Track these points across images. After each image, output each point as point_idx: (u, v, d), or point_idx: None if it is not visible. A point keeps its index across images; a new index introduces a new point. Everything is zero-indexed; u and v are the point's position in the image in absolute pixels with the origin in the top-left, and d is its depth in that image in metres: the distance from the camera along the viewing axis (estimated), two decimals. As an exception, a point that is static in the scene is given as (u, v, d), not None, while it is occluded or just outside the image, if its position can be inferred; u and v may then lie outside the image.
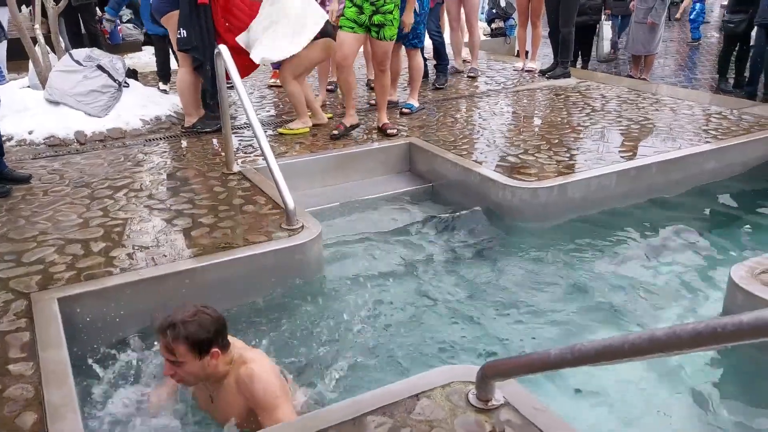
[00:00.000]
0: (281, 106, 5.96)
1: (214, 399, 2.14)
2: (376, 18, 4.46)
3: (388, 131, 4.84)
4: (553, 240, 3.75)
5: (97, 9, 7.56)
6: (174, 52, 5.56)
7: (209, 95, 5.10)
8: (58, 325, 2.51)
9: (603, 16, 7.91)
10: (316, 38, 4.77)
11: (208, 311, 2.04)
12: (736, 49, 6.90)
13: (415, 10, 5.17)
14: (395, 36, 4.61)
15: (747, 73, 6.83)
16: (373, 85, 6.51)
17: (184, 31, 4.72)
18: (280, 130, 5.00)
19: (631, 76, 7.66)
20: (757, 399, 2.50)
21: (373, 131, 5.02)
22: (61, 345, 2.38)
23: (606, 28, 7.42)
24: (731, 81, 7.16)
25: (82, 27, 7.01)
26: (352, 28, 4.52)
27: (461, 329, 3.00)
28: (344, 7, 4.57)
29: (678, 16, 10.58)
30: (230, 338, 2.14)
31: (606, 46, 8.75)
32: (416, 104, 5.54)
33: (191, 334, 1.93)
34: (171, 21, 4.87)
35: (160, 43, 6.27)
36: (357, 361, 2.77)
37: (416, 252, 3.69)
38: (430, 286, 3.37)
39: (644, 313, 3.10)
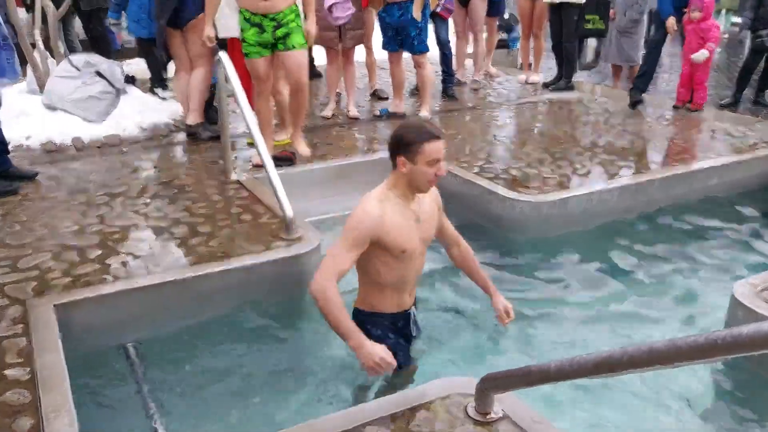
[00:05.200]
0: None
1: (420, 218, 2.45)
2: (280, 31, 3.99)
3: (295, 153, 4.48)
4: (554, 253, 3.73)
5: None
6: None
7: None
8: (54, 331, 2.51)
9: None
10: None
11: (409, 125, 2.38)
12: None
13: (416, 20, 5.15)
14: (305, 43, 4.14)
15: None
16: (371, 92, 6.53)
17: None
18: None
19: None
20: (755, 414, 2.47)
21: (375, 142, 5.01)
22: (58, 351, 2.38)
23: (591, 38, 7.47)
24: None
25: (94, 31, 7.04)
26: (259, 52, 4.07)
27: (460, 341, 2.98)
28: (242, 31, 4.08)
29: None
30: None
31: (589, 54, 8.80)
32: (429, 115, 5.50)
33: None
34: (197, 28, 4.68)
35: (147, 46, 6.16)
36: (353, 372, 2.74)
37: (416, 263, 3.67)
38: (429, 298, 3.34)
39: (644, 327, 3.08)
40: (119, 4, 6.00)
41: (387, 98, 6.30)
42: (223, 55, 3.60)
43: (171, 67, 6.03)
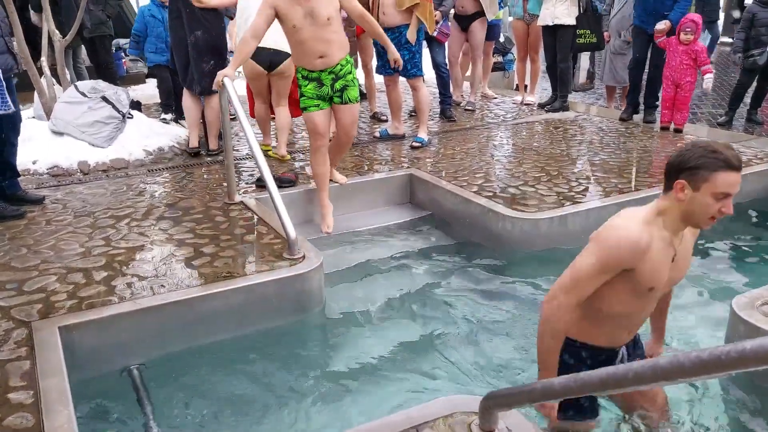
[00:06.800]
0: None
1: (676, 256, 1.96)
2: (338, 84, 3.89)
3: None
4: (554, 271, 3.74)
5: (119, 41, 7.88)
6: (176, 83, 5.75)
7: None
8: (59, 353, 2.51)
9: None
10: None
11: (702, 145, 1.85)
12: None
13: (409, 43, 5.24)
14: (359, 98, 4.09)
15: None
16: (371, 114, 6.58)
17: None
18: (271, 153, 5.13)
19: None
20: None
21: (375, 162, 5.06)
22: (62, 373, 2.38)
23: (584, 58, 7.53)
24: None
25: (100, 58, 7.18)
26: (318, 105, 3.94)
27: (462, 359, 2.99)
28: (300, 87, 3.99)
29: None
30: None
31: (582, 76, 8.87)
32: (426, 137, 5.55)
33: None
34: None
35: (162, 73, 6.35)
36: (358, 390, 2.76)
37: (417, 282, 3.70)
38: (431, 316, 3.37)
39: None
40: (137, 41, 6.32)
41: (386, 120, 6.36)
42: (226, 81, 3.66)
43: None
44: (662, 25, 5.76)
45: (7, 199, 4.09)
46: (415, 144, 5.46)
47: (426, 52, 6.54)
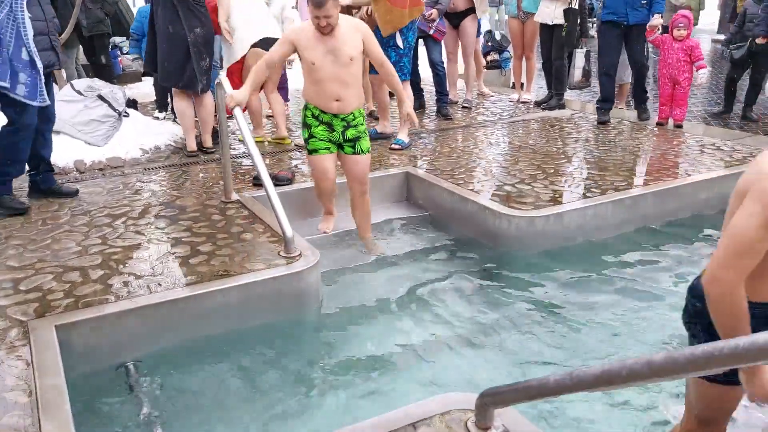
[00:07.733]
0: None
1: None
2: (350, 132, 3.75)
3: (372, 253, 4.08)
4: (550, 268, 3.77)
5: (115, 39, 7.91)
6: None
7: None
8: (56, 352, 2.51)
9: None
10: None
11: None
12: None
13: (398, 45, 5.24)
14: (370, 148, 3.94)
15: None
16: (367, 113, 6.56)
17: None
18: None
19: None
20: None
21: (372, 161, 5.05)
22: (58, 372, 2.38)
23: (579, 56, 7.57)
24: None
25: (99, 57, 7.20)
26: (328, 148, 3.80)
27: (458, 357, 3.00)
28: (309, 127, 3.81)
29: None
30: None
31: (577, 74, 8.90)
32: (406, 139, 5.46)
33: None
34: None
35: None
36: (354, 388, 2.76)
37: (413, 280, 3.70)
38: (427, 313, 3.38)
39: (639, 340, 3.11)
40: (138, 40, 6.39)
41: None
42: (222, 78, 3.66)
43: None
44: (657, 19, 5.65)
45: (42, 193, 4.18)
46: (394, 146, 5.35)
47: (423, 51, 6.57)
